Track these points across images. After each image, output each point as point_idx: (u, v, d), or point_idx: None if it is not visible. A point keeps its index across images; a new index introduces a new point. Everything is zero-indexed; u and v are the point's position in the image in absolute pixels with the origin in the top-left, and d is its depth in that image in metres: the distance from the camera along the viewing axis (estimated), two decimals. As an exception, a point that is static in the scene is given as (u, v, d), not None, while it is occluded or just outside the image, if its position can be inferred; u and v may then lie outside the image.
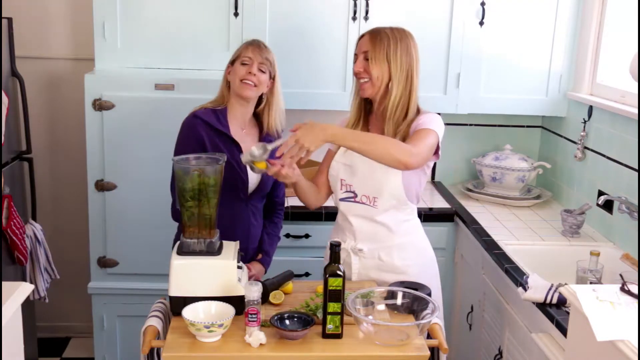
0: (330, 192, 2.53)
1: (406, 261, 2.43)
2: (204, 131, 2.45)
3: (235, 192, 2.50)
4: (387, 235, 2.42)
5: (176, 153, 2.45)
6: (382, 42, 2.31)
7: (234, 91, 2.50)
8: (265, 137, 2.56)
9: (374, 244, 2.43)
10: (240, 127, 2.54)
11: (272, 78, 2.54)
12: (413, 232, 2.47)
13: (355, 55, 2.39)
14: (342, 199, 2.46)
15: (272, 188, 2.64)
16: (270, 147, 2.21)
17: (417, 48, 2.37)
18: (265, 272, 2.62)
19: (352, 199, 2.43)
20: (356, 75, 2.37)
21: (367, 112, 2.46)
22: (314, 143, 2.10)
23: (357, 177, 2.41)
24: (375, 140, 2.18)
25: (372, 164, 2.27)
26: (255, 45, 2.51)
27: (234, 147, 2.47)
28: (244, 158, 2.21)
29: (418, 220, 2.52)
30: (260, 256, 2.63)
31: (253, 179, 2.53)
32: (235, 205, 2.52)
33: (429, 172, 2.44)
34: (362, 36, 2.39)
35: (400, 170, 2.30)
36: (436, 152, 2.34)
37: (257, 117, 2.60)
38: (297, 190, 2.43)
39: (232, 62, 2.52)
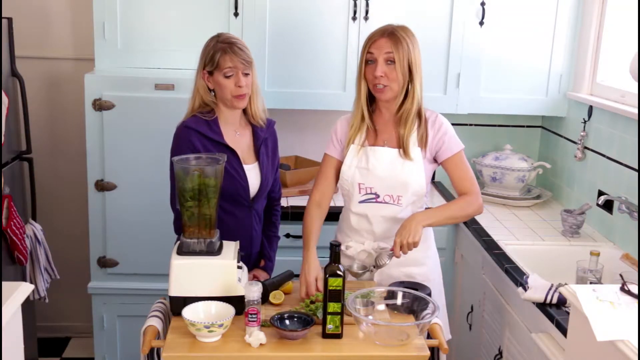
0: (330, 199, 2.52)
1: (422, 252, 2.44)
2: (198, 141, 2.35)
3: (238, 199, 2.44)
4: None
5: (171, 163, 2.36)
6: (403, 45, 2.29)
7: (224, 102, 2.39)
8: (255, 129, 2.49)
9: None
10: (234, 131, 2.44)
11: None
12: None
13: (370, 57, 2.31)
14: (361, 202, 2.43)
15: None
16: (374, 269, 2.37)
17: None
18: (270, 277, 2.59)
19: (374, 200, 2.42)
20: (376, 79, 2.30)
21: (369, 114, 2.43)
22: (417, 234, 2.27)
23: (377, 178, 2.40)
24: (454, 211, 2.41)
25: (391, 163, 2.37)
26: (233, 51, 2.32)
27: (230, 154, 2.37)
28: (348, 266, 2.36)
29: None
30: (262, 263, 2.59)
31: (253, 181, 2.47)
32: (239, 213, 2.46)
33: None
34: (375, 38, 2.32)
35: (421, 167, 2.40)
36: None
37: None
38: None
39: (210, 72, 2.35)
